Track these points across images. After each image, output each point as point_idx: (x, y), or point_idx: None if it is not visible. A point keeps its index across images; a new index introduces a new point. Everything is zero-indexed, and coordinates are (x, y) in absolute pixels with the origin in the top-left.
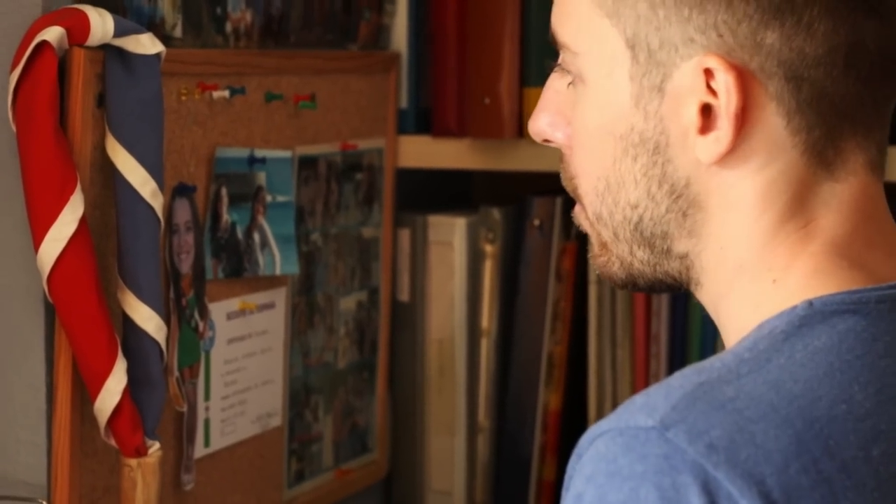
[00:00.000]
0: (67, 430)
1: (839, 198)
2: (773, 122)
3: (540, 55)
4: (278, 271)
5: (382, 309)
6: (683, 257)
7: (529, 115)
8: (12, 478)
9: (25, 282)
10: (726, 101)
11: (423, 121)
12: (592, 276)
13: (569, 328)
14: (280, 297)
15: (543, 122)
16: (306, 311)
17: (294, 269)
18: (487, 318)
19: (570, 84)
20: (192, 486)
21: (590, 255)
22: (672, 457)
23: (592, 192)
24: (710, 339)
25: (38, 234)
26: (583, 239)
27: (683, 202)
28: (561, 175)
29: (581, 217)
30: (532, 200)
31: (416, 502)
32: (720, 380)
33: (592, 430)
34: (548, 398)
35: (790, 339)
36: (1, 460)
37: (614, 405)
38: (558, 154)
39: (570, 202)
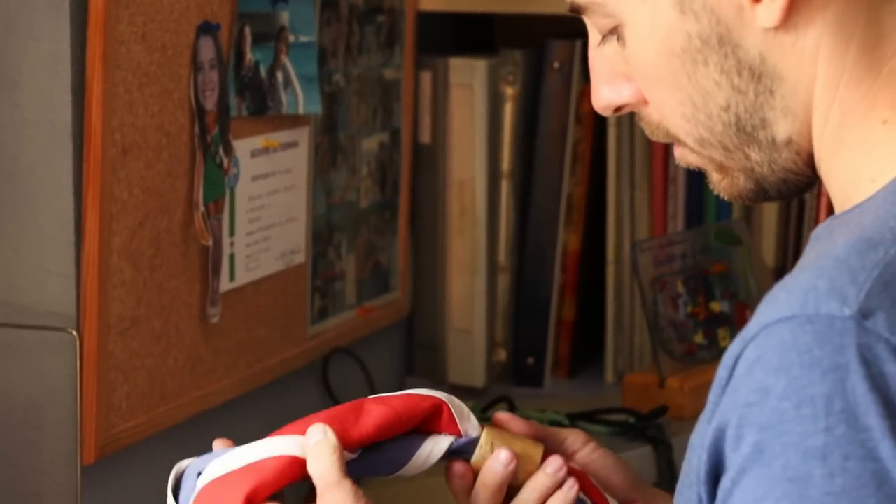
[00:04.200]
0: (96, 262)
1: None
2: None
3: None
4: (301, 110)
5: (404, 150)
6: (789, 143)
7: None
8: (42, 308)
9: (52, 116)
10: None
11: None
12: (612, 119)
13: (588, 170)
14: (303, 136)
15: (605, 92)
16: (329, 150)
17: (317, 108)
18: (508, 160)
19: (616, 41)
20: (217, 320)
21: (712, 187)
22: (874, 346)
23: (682, 120)
24: None
25: None
26: None
27: (767, 80)
28: (646, 132)
29: (688, 156)
30: (552, 43)
31: (437, 341)
32: None
33: (763, 316)
34: (567, 238)
35: None
36: (31, 291)
37: (633, 245)
38: None
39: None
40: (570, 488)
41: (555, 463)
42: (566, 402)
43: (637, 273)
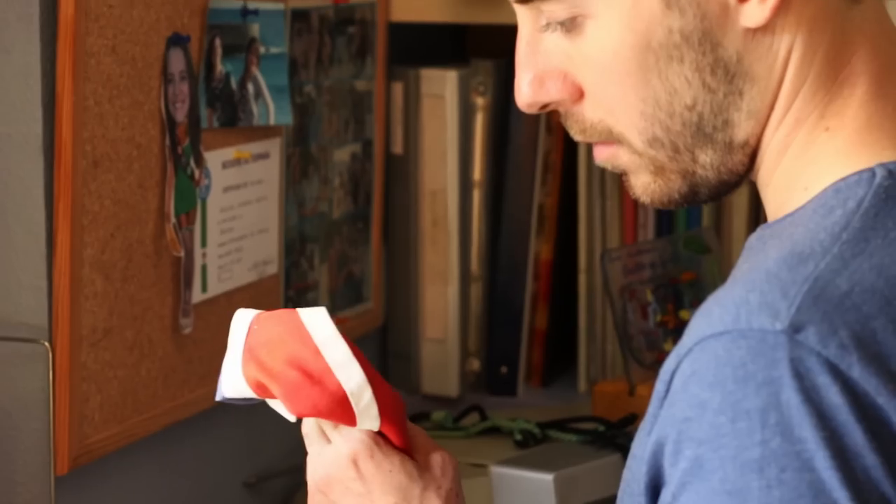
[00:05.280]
0: (68, 273)
1: (868, 20)
2: None
3: None
4: (272, 121)
5: (376, 161)
6: (744, 145)
7: None
8: (15, 320)
9: (24, 129)
10: None
11: None
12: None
13: (559, 180)
14: (274, 147)
15: (533, 88)
16: (301, 161)
17: (288, 119)
18: (479, 170)
19: (559, 34)
20: (190, 331)
21: (635, 192)
22: (807, 360)
23: (639, 118)
24: None
25: None
26: None
27: (739, 80)
28: (572, 131)
29: (621, 156)
30: None
31: (411, 350)
32: (830, 270)
33: (697, 331)
34: (539, 248)
35: (880, 216)
36: (3, 303)
37: (602, 254)
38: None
39: None
40: None
41: None
42: (539, 410)
43: (606, 282)
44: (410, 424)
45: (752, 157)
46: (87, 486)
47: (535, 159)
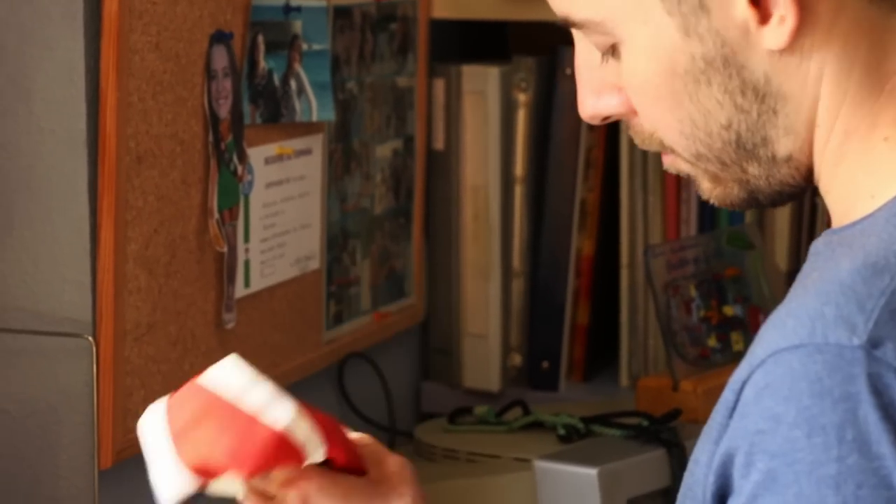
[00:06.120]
0: (111, 269)
1: None
2: None
3: None
4: (315, 117)
5: (418, 157)
6: (789, 160)
7: None
8: (59, 315)
9: (68, 125)
10: None
11: None
12: (625, 124)
13: (601, 175)
14: (317, 143)
15: (592, 102)
16: (343, 157)
17: (330, 115)
18: (521, 166)
19: (603, 56)
20: (233, 325)
21: (702, 193)
22: (885, 375)
23: (680, 136)
24: None
25: None
26: None
27: (771, 100)
28: (636, 141)
29: (679, 163)
30: (564, 50)
31: (452, 345)
32: None
33: (770, 343)
34: (581, 244)
35: None
36: (47, 298)
37: (646, 250)
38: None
39: None
40: None
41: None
42: (581, 405)
43: (650, 278)
44: (356, 435)
45: (804, 169)
46: (131, 479)
47: (577, 155)
